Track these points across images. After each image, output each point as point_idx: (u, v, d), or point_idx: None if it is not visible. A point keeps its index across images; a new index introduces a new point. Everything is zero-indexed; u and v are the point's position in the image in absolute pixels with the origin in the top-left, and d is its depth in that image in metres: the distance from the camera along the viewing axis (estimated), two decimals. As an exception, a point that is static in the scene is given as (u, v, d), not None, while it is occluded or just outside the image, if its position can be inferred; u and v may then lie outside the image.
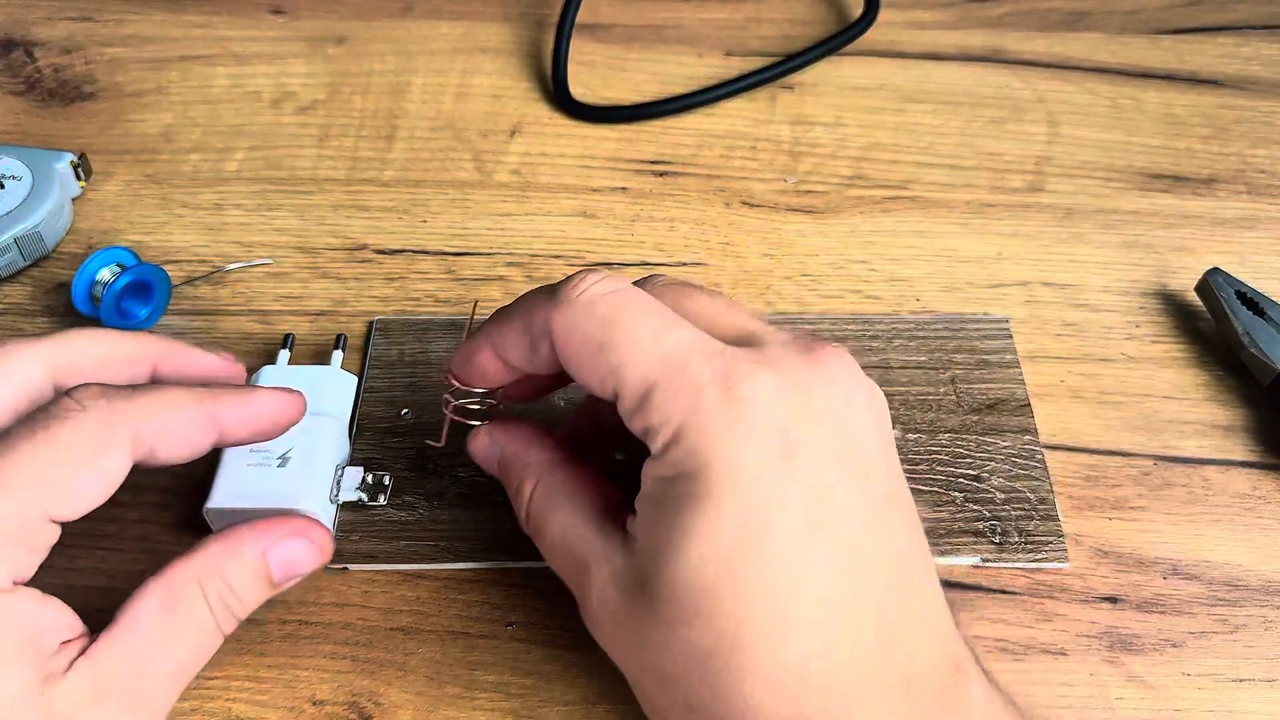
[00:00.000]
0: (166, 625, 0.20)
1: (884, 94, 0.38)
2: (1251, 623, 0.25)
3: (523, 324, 0.21)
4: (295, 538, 0.22)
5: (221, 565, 0.21)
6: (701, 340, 0.19)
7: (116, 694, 0.19)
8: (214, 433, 0.21)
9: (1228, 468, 0.28)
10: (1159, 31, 0.41)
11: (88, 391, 0.20)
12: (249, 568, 0.21)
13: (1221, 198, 0.35)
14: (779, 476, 0.18)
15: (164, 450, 0.20)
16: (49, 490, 0.18)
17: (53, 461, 0.18)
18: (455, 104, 0.38)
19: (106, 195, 0.35)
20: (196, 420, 0.21)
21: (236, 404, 0.22)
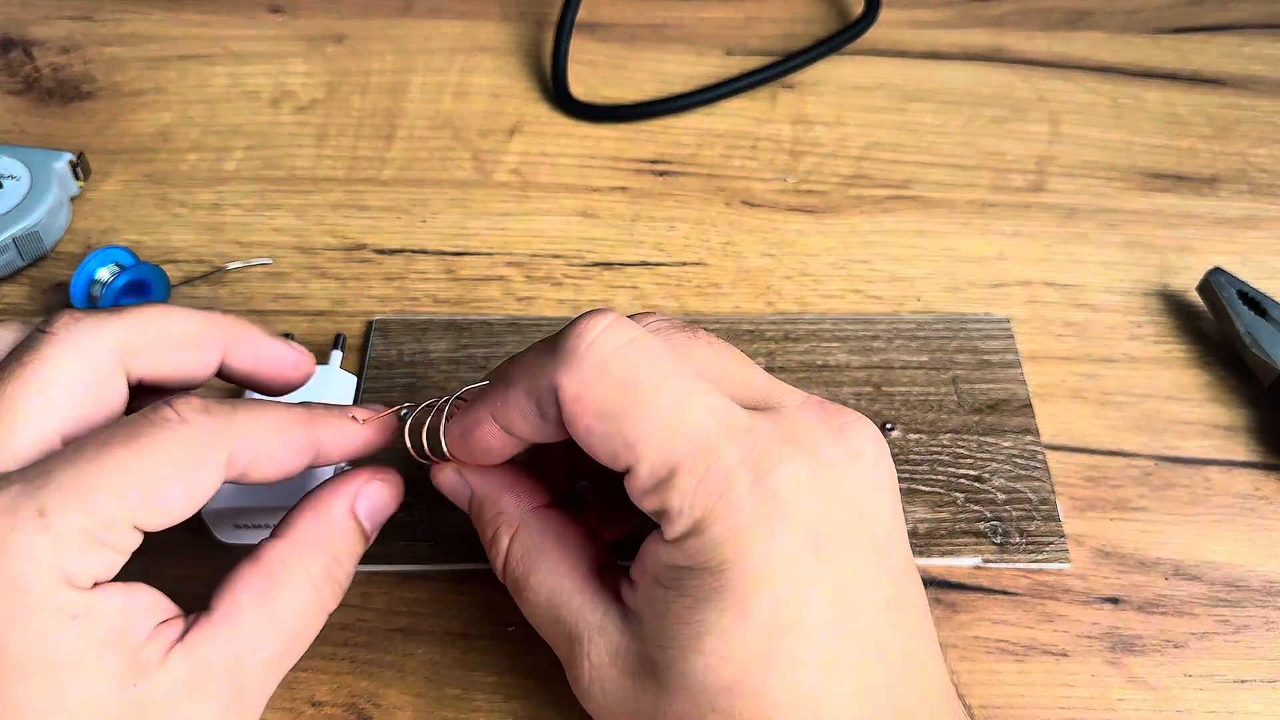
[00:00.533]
0: (267, 612, 0.19)
1: (885, 93, 0.38)
2: (1253, 623, 0.25)
3: (527, 387, 0.19)
4: (373, 481, 0.21)
5: (318, 536, 0.20)
6: (727, 414, 0.18)
7: (216, 684, 0.18)
8: (310, 456, 0.20)
9: (1229, 468, 0.28)
10: (1161, 30, 0.41)
11: (189, 405, 0.19)
12: (343, 529, 0.20)
13: (1223, 197, 0.35)
14: (809, 572, 0.17)
15: (258, 471, 0.20)
16: (139, 499, 0.18)
17: (146, 471, 0.18)
18: (455, 103, 0.38)
19: (105, 195, 0.34)
20: (297, 445, 0.20)
21: (337, 430, 0.21)
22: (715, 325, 0.31)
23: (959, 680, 0.24)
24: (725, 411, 0.18)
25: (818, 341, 0.30)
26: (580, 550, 0.20)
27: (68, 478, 0.17)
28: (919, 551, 0.26)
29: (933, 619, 0.20)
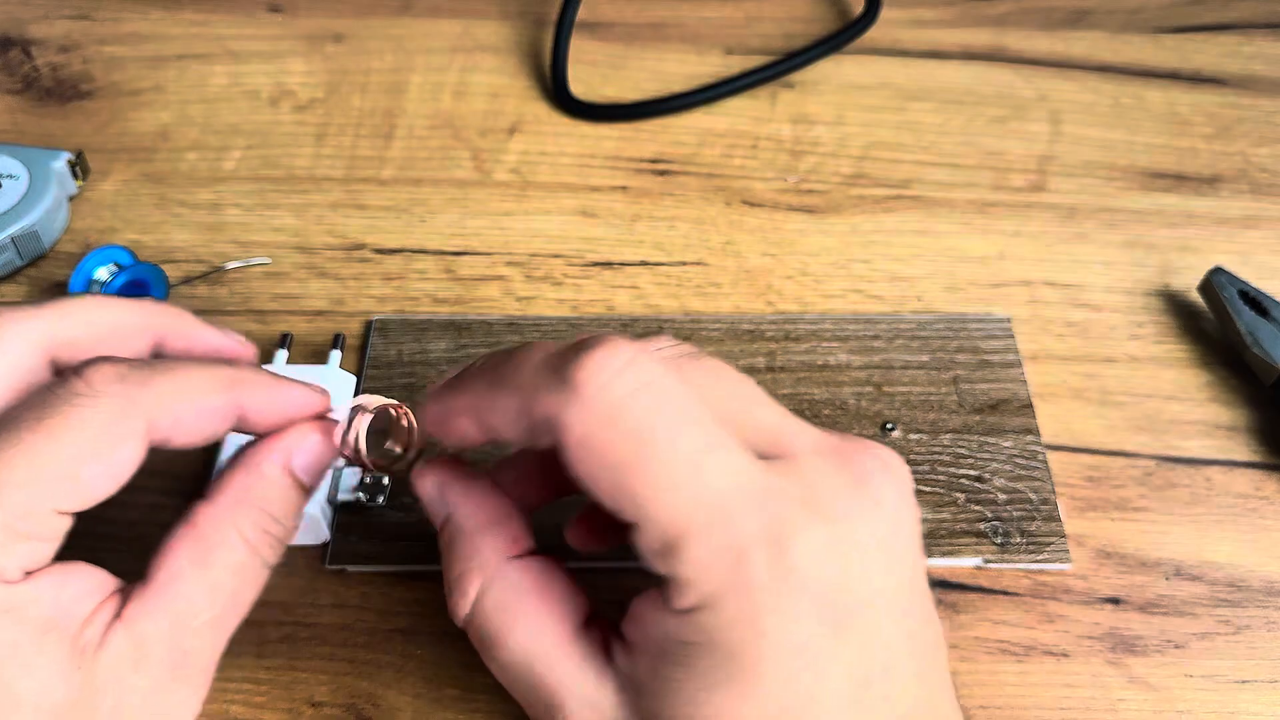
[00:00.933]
0: (203, 576, 0.18)
1: (885, 92, 0.38)
2: (1255, 624, 0.25)
3: (520, 405, 0.17)
4: (308, 434, 0.20)
5: (250, 496, 0.19)
6: (744, 474, 0.16)
7: (159, 654, 0.18)
8: (234, 420, 0.19)
9: (1231, 468, 0.28)
10: (1161, 30, 0.41)
11: (100, 373, 0.18)
12: (277, 486, 0.19)
13: (1224, 197, 0.35)
14: (829, 651, 0.16)
15: (180, 437, 0.19)
16: (56, 484, 0.17)
17: (59, 454, 0.17)
18: (454, 102, 0.38)
19: (103, 194, 0.34)
20: (219, 409, 0.19)
21: (264, 395, 0.19)
22: (715, 325, 0.31)
23: (959, 681, 0.24)
24: (741, 472, 0.16)
25: (818, 341, 0.30)
26: (564, 605, 0.19)
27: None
28: (919, 552, 0.26)
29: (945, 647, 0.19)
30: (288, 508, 0.20)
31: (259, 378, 0.20)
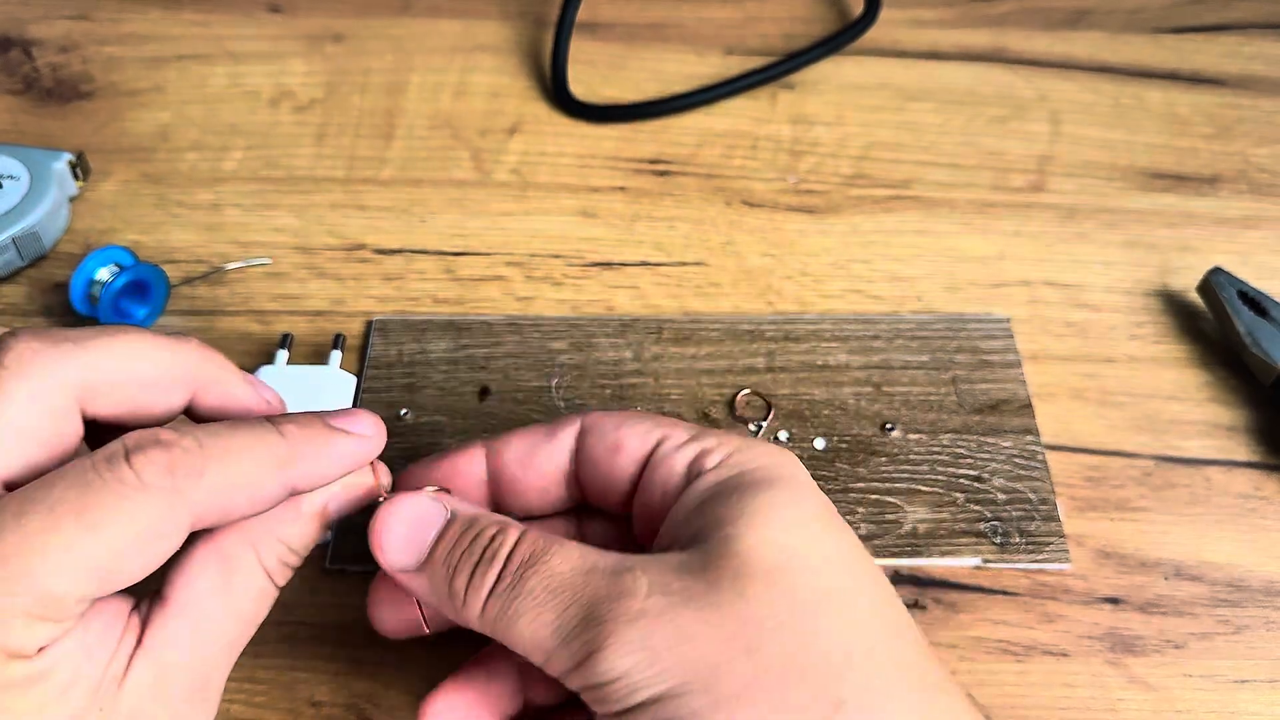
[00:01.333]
0: (224, 599, 0.18)
1: (885, 93, 0.38)
2: (1254, 624, 0.25)
3: (540, 424, 0.21)
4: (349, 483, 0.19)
5: (277, 527, 0.19)
6: None
7: (179, 681, 0.18)
8: (284, 497, 0.19)
9: (1230, 468, 0.28)
10: (1161, 30, 0.41)
11: (151, 464, 0.16)
12: (307, 523, 0.19)
13: (1224, 197, 0.35)
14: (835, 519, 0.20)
15: (223, 522, 0.18)
16: (90, 575, 0.16)
17: (99, 548, 0.16)
18: (454, 102, 0.38)
19: (104, 195, 0.34)
20: (272, 495, 0.18)
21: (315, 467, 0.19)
22: (715, 325, 0.31)
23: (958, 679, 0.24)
24: None
25: (818, 341, 0.30)
26: None
27: (10, 549, 0.15)
28: (919, 552, 0.26)
29: None
30: (308, 541, 0.20)
31: (309, 448, 0.18)
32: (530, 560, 0.18)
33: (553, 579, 0.17)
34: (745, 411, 0.28)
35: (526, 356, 0.30)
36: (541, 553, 0.18)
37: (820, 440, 0.28)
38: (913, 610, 0.25)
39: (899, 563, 0.26)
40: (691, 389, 0.29)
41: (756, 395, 0.29)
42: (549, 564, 0.18)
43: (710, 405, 0.29)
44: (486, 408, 0.28)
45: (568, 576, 0.17)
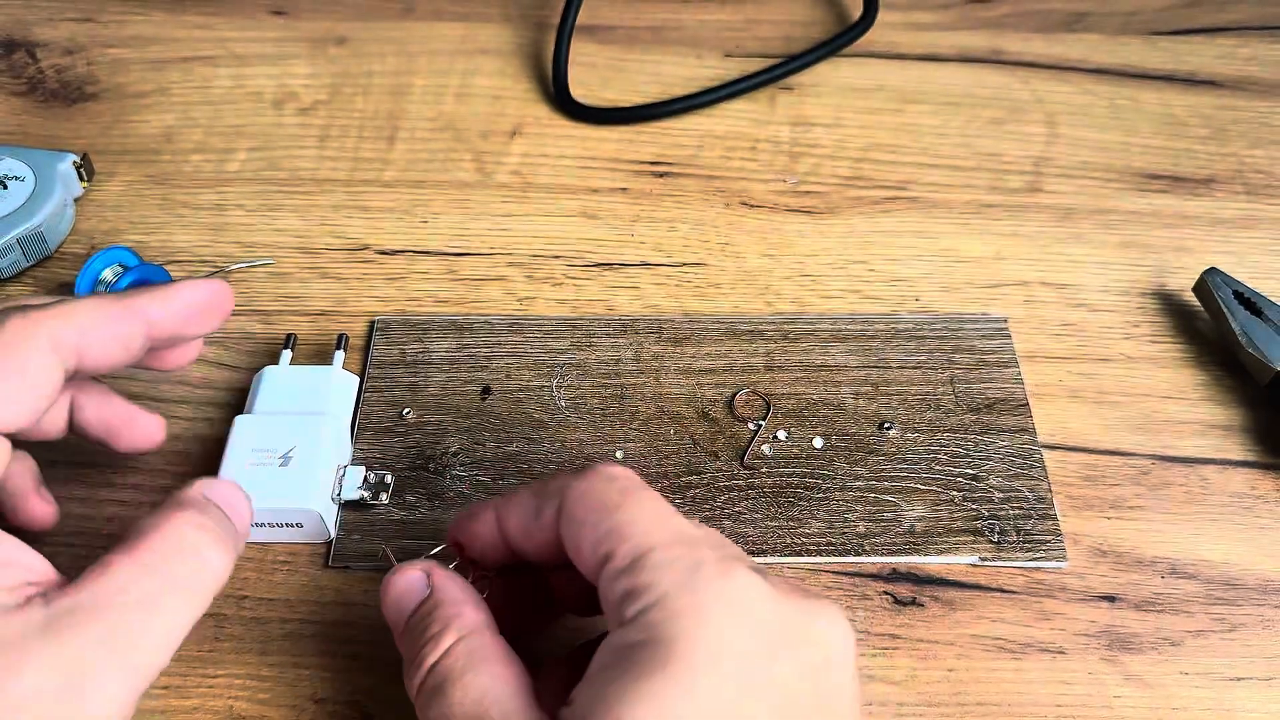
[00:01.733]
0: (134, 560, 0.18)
1: (883, 95, 0.38)
2: (1249, 622, 0.25)
3: (536, 490, 0.21)
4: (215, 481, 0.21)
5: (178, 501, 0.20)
6: (713, 536, 0.19)
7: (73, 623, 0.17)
8: (139, 324, 0.21)
9: (1226, 467, 0.28)
10: (1157, 32, 0.41)
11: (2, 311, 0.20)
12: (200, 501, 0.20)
13: (1219, 198, 0.35)
14: (760, 676, 0.17)
15: (93, 352, 0.21)
16: None
17: None
18: (456, 105, 0.38)
19: (108, 196, 0.35)
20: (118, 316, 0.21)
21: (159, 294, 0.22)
22: (715, 325, 0.31)
23: (957, 678, 0.24)
24: (711, 535, 0.19)
25: (816, 341, 0.30)
26: (524, 675, 0.19)
27: None
28: (916, 550, 0.26)
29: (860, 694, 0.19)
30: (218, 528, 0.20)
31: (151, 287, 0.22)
32: (441, 684, 0.19)
33: (444, 713, 0.19)
34: (744, 411, 0.29)
35: (528, 356, 0.30)
36: (455, 678, 0.19)
37: (819, 439, 0.28)
38: (910, 608, 0.25)
39: (896, 560, 0.26)
40: (691, 388, 0.29)
41: (755, 395, 0.29)
42: (450, 697, 0.19)
43: (710, 405, 0.29)
44: (488, 407, 0.29)
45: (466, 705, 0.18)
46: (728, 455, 0.28)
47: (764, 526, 0.26)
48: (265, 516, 0.25)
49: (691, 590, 0.17)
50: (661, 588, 0.17)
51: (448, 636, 0.19)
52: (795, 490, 0.27)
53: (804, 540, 0.26)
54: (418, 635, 0.20)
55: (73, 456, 0.28)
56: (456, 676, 0.19)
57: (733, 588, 0.18)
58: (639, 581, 0.18)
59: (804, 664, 0.18)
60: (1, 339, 0.19)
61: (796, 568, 0.26)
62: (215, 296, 0.23)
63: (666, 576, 0.18)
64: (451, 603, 0.20)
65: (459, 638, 0.19)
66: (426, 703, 0.19)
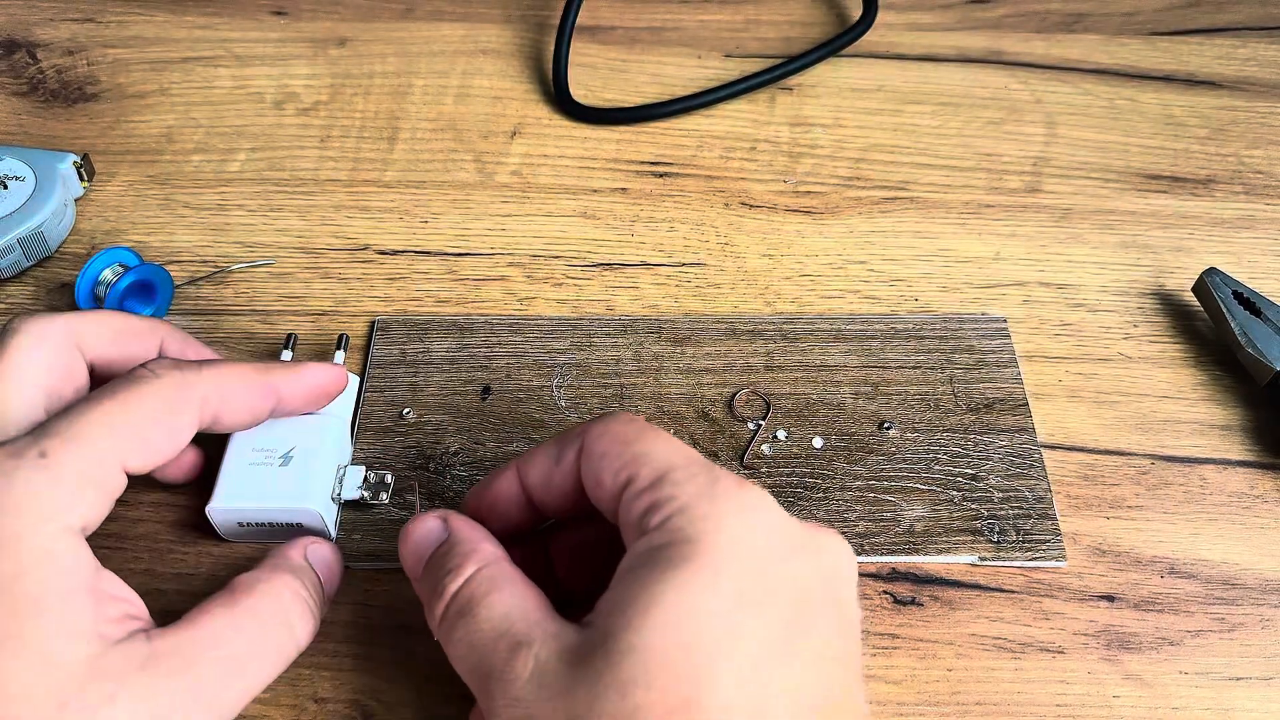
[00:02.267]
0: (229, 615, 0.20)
1: (883, 95, 0.39)
2: (1249, 621, 0.25)
3: (556, 439, 0.21)
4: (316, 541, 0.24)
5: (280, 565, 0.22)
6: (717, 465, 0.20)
7: (169, 667, 0.19)
8: (272, 399, 0.23)
9: (1225, 467, 0.28)
10: (1156, 33, 0.41)
11: (161, 364, 0.22)
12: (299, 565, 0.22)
13: (1219, 198, 0.35)
14: (778, 571, 0.18)
15: (228, 415, 0.23)
16: (126, 441, 0.20)
17: (131, 417, 0.20)
18: (456, 105, 0.38)
19: (109, 196, 0.35)
20: (257, 388, 0.23)
21: (291, 374, 0.24)
22: (714, 325, 0.31)
23: (956, 677, 0.24)
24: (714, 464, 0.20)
25: (816, 341, 0.30)
26: (543, 595, 0.20)
27: (64, 424, 0.20)
28: (916, 549, 0.26)
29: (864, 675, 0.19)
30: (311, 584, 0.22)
31: (283, 364, 0.24)
32: (466, 606, 0.20)
33: (470, 634, 0.19)
34: (744, 411, 0.29)
35: (528, 356, 0.30)
36: (474, 602, 0.19)
37: (818, 439, 0.28)
38: (910, 607, 0.25)
39: (896, 560, 0.26)
40: (691, 388, 0.29)
41: (755, 395, 0.29)
42: (476, 616, 0.19)
43: (710, 405, 0.29)
44: (488, 407, 0.29)
45: (483, 635, 0.19)
46: (728, 455, 0.28)
47: (764, 526, 0.26)
48: (266, 516, 0.25)
49: (711, 498, 0.18)
50: (683, 498, 0.19)
51: (468, 566, 0.20)
52: (795, 490, 0.27)
53: (804, 540, 0.26)
54: (437, 570, 0.21)
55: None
56: (480, 598, 0.19)
57: (750, 498, 0.19)
58: (661, 494, 0.19)
59: (815, 567, 0.19)
60: (162, 395, 0.21)
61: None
62: (337, 382, 0.25)
63: (688, 488, 0.19)
64: (468, 540, 0.21)
65: (479, 566, 0.20)
66: (451, 628, 0.20)
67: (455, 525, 0.21)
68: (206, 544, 0.26)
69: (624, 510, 0.19)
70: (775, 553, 0.18)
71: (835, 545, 0.19)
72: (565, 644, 0.18)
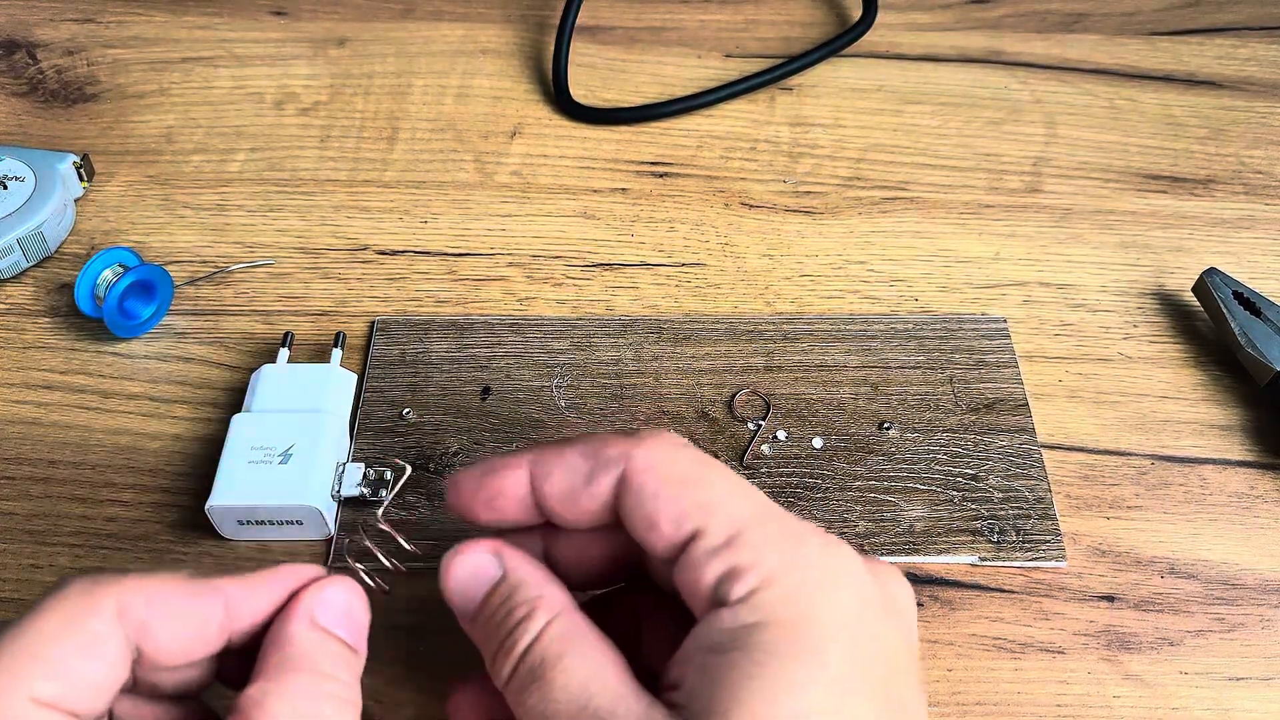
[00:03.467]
0: None
1: (882, 95, 0.39)
2: (1248, 621, 0.25)
3: (586, 450, 0.19)
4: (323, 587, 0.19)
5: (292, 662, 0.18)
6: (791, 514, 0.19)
7: None
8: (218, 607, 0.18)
9: (1225, 467, 0.28)
10: (1156, 33, 0.41)
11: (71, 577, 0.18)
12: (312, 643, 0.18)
13: (1219, 198, 0.35)
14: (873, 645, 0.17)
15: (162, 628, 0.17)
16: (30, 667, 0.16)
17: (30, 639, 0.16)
18: (456, 105, 0.38)
19: (109, 196, 0.35)
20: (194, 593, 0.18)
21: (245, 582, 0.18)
22: (714, 325, 0.31)
23: (955, 677, 0.24)
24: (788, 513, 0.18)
25: (816, 341, 0.30)
26: (619, 655, 0.18)
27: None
28: (916, 550, 0.26)
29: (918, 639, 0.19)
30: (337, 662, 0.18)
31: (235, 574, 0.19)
32: (538, 670, 0.18)
33: (546, 704, 0.17)
34: (744, 411, 0.29)
35: (527, 356, 0.30)
36: (553, 663, 0.18)
37: (818, 439, 0.28)
38: (910, 607, 0.25)
39: (896, 560, 0.26)
40: (691, 388, 0.29)
41: (755, 395, 0.29)
42: (552, 685, 0.17)
43: (709, 405, 0.29)
44: (488, 407, 0.29)
45: (560, 708, 0.17)
46: (728, 455, 0.28)
47: (763, 526, 0.26)
48: (265, 514, 0.25)
49: (801, 566, 0.17)
50: (769, 566, 0.17)
51: (537, 619, 0.18)
52: (795, 490, 0.27)
53: (803, 540, 0.26)
54: (500, 621, 0.18)
55: (73, 456, 0.28)
56: (554, 660, 0.18)
57: (839, 563, 0.18)
58: (740, 560, 0.17)
59: (898, 627, 0.18)
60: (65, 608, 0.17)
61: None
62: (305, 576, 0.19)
63: (771, 555, 0.17)
64: (533, 583, 0.19)
65: (548, 620, 0.18)
66: (522, 692, 0.18)
67: (512, 564, 0.19)
68: (206, 543, 0.26)
69: (690, 568, 0.17)
70: (868, 626, 0.17)
71: (904, 591, 0.18)
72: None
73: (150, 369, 0.30)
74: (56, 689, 0.16)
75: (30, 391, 0.29)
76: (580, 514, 0.19)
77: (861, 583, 0.18)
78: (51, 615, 0.17)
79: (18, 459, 0.27)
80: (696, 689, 0.17)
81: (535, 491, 0.19)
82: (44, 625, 0.17)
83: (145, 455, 0.28)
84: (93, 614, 0.17)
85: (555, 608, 0.18)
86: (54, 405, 0.29)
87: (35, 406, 0.29)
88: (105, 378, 0.30)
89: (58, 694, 0.16)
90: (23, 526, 0.26)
